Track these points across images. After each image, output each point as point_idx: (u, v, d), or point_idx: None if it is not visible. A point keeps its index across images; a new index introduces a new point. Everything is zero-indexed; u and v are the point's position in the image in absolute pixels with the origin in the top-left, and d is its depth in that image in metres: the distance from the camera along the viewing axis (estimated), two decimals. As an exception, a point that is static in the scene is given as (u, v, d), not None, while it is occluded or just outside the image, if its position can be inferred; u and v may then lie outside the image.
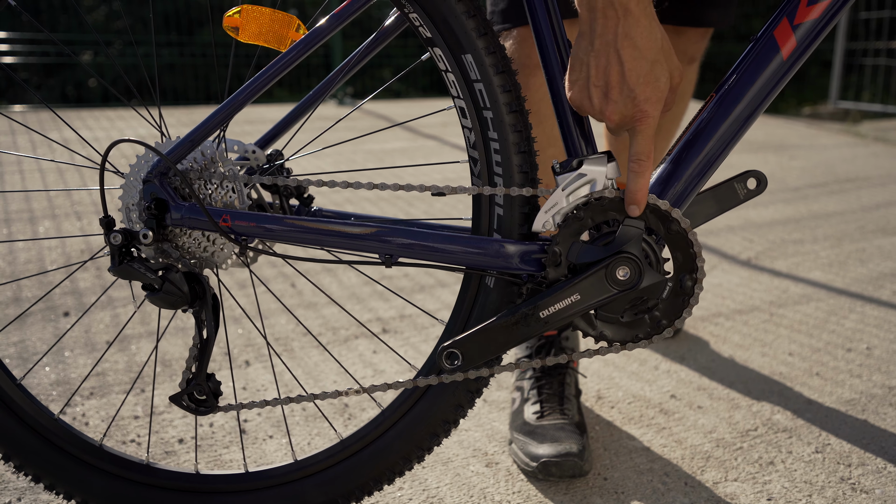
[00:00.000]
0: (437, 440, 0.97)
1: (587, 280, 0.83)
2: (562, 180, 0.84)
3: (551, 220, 0.85)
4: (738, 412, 1.40)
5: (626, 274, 0.83)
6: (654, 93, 0.79)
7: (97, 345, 1.64)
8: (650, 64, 0.78)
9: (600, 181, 0.83)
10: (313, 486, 1.00)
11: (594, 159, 0.83)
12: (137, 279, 0.88)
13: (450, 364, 0.87)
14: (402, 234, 0.87)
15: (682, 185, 0.86)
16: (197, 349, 0.92)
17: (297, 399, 0.94)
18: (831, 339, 1.75)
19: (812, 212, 2.97)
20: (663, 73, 0.79)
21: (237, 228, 0.88)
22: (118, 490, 1.00)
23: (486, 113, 0.87)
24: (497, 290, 0.92)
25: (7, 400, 0.97)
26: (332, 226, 0.88)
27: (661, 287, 0.84)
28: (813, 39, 0.83)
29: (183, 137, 0.90)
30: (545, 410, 1.26)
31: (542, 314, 0.85)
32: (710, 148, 0.85)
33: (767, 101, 0.85)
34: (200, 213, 0.88)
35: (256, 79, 0.91)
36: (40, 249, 2.23)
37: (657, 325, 0.85)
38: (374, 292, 2.01)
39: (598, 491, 1.16)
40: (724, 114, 0.85)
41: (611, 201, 0.83)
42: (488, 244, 0.86)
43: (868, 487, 1.16)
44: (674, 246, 0.83)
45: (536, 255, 0.86)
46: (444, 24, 0.85)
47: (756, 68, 0.84)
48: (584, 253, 0.84)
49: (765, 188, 0.87)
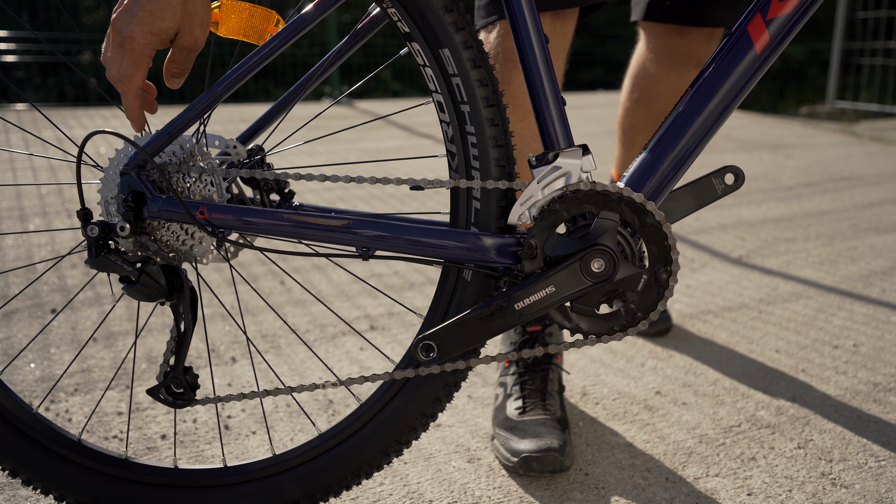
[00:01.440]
0: (416, 434, 0.97)
1: (562, 272, 0.83)
2: (537, 173, 0.85)
3: (527, 213, 0.85)
4: (722, 408, 1.40)
5: (601, 266, 0.83)
6: (148, 22, 0.82)
7: (83, 342, 1.64)
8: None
9: (575, 174, 0.83)
10: (291, 480, 0.99)
11: (569, 152, 0.84)
12: (114, 271, 0.88)
13: (425, 356, 0.87)
14: (378, 227, 0.86)
15: (658, 179, 0.86)
16: (174, 342, 0.92)
17: (274, 392, 0.94)
18: (819, 337, 1.74)
19: (805, 210, 2.97)
20: (170, 15, 0.82)
21: (214, 221, 0.87)
22: (96, 485, 1.00)
23: (463, 107, 0.87)
24: (474, 283, 0.91)
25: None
26: (308, 218, 0.87)
27: (636, 279, 0.84)
28: (786, 34, 0.84)
29: (160, 130, 0.89)
30: (527, 406, 1.26)
31: (518, 306, 0.85)
32: (686, 142, 0.86)
33: (742, 95, 0.85)
34: (177, 205, 0.88)
35: (234, 71, 0.90)
36: (29, 247, 2.23)
37: (632, 318, 0.85)
38: (363, 289, 2.01)
39: (579, 486, 1.16)
40: (699, 108, 0.85)
41: (586, 194, 0.83)
42: (465, 237, 0.87)
43: (848, 482, 1.16)
44: (648, 238, 0.83)
45: (513, 247, 0.86)
46: (421, 18, 0.85)
47: (730, 63, 0.84)
48: (559, 245, 0.84)
49: (742, 184, 0.87)
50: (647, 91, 1.60)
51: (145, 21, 0.83)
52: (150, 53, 0.84)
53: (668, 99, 1.58)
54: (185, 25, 0.85)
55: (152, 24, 0.83)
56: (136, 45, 0.83)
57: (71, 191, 2.87)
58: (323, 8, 0.90)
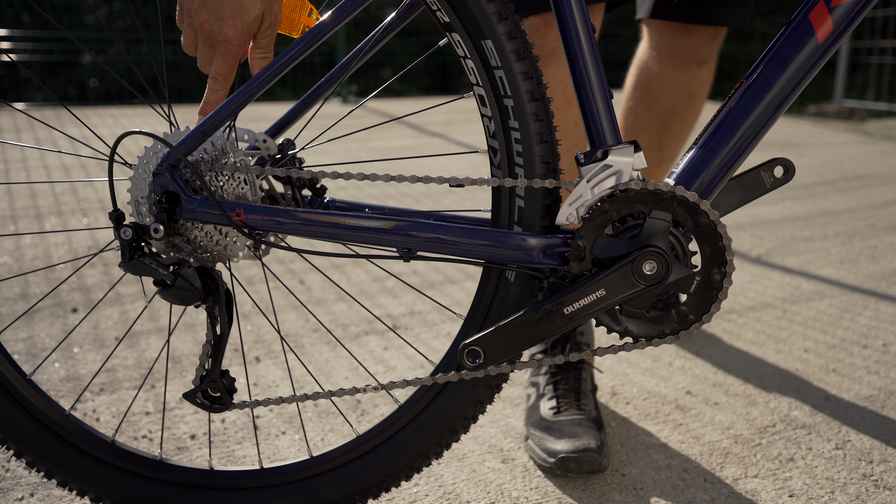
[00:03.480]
0: (456, 436, 0.95)
1: (612, 275, 0.80)
2: (586, 171, 0.81)
3: (575, 213, 0.82)
4: (755, 408, 1.39)
5: (653, 269, 0.80)
6: (239, 21, 0.84)
7: (106, 341, 1.63)
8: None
9: (626, 172, 0.80)
10: (329, 482, 0.98)
11: (620, 149, 0.81)
12: (149, 275, 0.85)
13: (472, 362, 0.85)
14: (421, 228, 0.84)
15: (710, 176, 0.84)
16: (210, 345, 0.90)
17: (313, 396, 0.92)
18: (846, 336, 1.73)
19: (821, 209, 2.95)
20: (253, 7, 0.84)
21: (251, 222, 0.85)
22: (132, 486, 0.99)
23: (506, 101, 0.84)
24: (517, 283, 0.89)
25: (18, 396, 0.96)
26: (348, 219, 0.85)
27: (688, 281, 0.81)
28: (850, 22, 0.80)
29: (193, 128, 0.87)
30: (562, 406, 1.24)
31: (567, 310, 0.82)
32: (740, 137, 0.83)
33: (800, 87, 0.82)
34: (213, 206, 0.85)
35: (266, 70, 0.87)
36: (47, 246, 2.22)
37: (684, 321, 0.82)
38: (382, 289, 1.99)
39: (617, 487, 1.14)
40: (754, 101, 0.82)
41: (637, 193, 0.80)
42: (509, 238, 0.84)
43: (891, 484, 1.15)
44: (702, 239, 0.80)
45: (559, 248, 0.83)
46: (462, 7, 0.82)
47: (789, 53, 0.81)
48: (609, 247, 0.81)
49: (792, 177, 0.85)
50: (650, 90, 1.57)
51: (236, 22, 0.84)
52: (243, 51, 0.87)
53: (670, 97, 1.55)
54: (266, 7, 0.86)
55: (242, 23, 0.85)
56: (231, 47, 0.85)
57: (85, 189, 2.86)
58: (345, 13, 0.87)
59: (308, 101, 1.04)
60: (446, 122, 4.73)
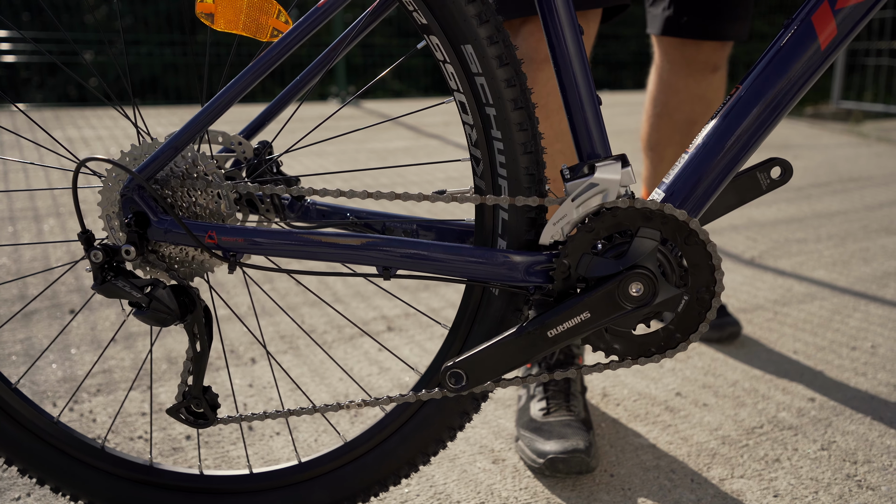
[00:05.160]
0: (443, 445, 0.96)
1: (597, 297, 0.78)
2: (572, 188, 0.79)
3: (560, 232, 0.80)
4: (743, 410, 1.40)
5: (640, 290, 0.77)
6: None
7: (103, 342, 1.65)
8: None
9: (613, 191, 0.78)
10: (319, 487, 0.99)
11: (607, 166, 0.78)
12: (122, 297, 0.82)
13: (454, 384, 0.83)
14: (401, 245, 0.80)
15: (701, 190, 0.80)
16: (191, 363, 0.88)
17: (297, 412, 0.92)
18: (836, 338, 1.75)
19: (815, 211, 2.97)
20: None
21: (224, 245, 0.81)
22: (123, 491, 0.99)
23: (488, 110, 0.80)
24: (502, 297, 0.87)
25: (3, 405, 0.94)
26: (325, 237, 0.82)
27: (676, 301, 0.79)
28: (854, 26, 0.75)
29: (162, 145, 0.82)
30: (551, 407, 1.26)
31: (550, 333, 0.80)
32: (731, 148, 0.79)
33: (799, 95, 0.77)
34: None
35: (239, 79, 0.81)
36: (45, 247, 2.23)
37: (671, 339, 0.81)
38: (378, 290, 2.01)
39: (605, 487, 1.16)
40: (747, 109, 0.78)
41: (624, 212, 0.77)
42: (492, 255, 0.81)
43: (874, 484, 1.16)
44: (691, 258, 0.78)
45: (543, 265, 0.80)
46: (440, 9, 0.77)
47: (788, 58, 0.76)
48: (594, 266, 0.78)
49: (789, 178, 0.81)
50: (668, 103, 1.61)
51: None
52: None
53: (689, 108, 1.58)
54: None
55: None
56: None
57: (83, 190, 2.88)
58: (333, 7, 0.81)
59: (282, 101, 1.00)
60: (444, 124, 4.75)
